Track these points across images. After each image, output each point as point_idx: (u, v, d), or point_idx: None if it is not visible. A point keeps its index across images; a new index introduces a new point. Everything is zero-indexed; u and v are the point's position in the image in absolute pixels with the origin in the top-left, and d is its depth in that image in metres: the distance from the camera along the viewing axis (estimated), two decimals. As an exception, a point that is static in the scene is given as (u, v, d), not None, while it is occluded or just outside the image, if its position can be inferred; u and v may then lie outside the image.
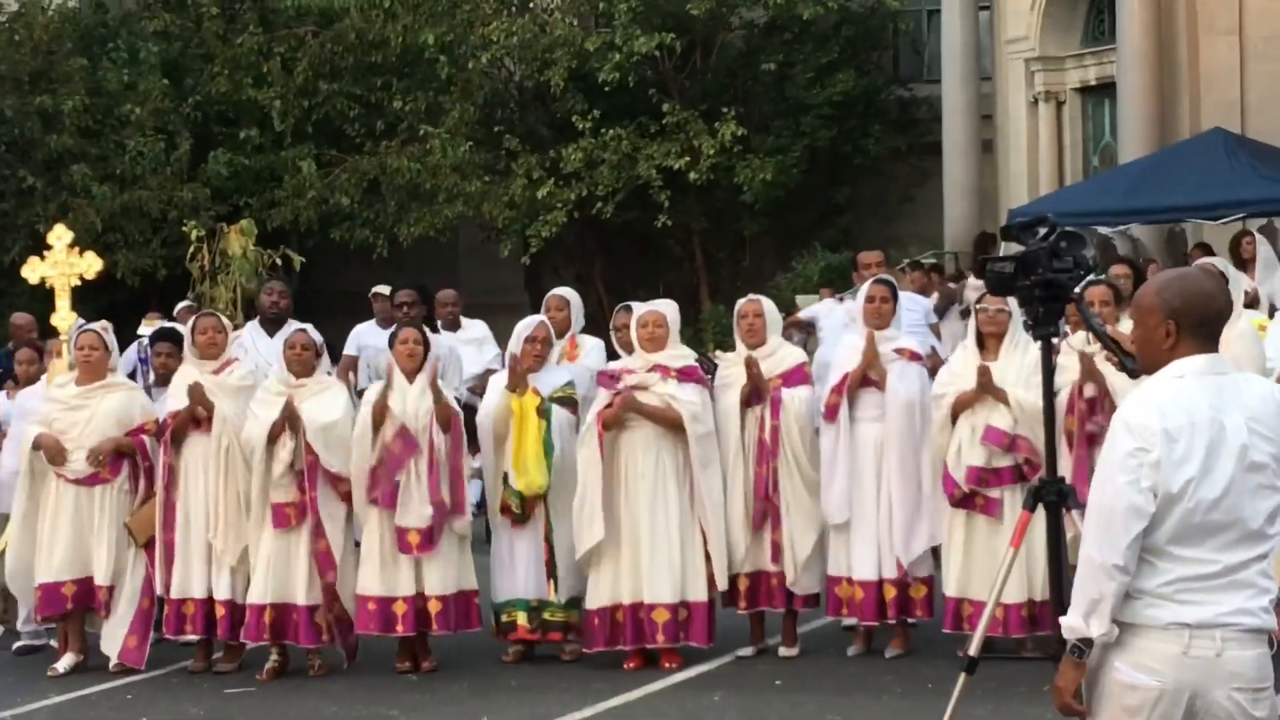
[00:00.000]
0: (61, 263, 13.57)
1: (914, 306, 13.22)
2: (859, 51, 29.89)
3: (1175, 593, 5.35)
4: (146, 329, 16.48)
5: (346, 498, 11.64)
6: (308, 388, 11.73)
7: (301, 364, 11.78)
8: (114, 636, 12.07)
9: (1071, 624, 5.46)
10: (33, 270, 13.70)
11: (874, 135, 29.17)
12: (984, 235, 23.38)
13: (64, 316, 13.51)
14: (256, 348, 12.69)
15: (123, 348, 13.66)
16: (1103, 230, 21.67)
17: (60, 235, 13.72)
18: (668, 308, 11.81)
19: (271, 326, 14.92)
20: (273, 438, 11.56)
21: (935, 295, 19.24)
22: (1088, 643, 5.42)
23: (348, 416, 11.74)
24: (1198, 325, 5.43)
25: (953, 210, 27.01)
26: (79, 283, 13.63)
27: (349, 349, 15.94)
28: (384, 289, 16.55)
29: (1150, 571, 5.37)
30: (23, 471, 12.24)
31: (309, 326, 12.25)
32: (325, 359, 12.12)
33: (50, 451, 12.07)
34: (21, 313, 16.06)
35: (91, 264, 13.67)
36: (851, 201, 29.76)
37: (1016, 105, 26.64)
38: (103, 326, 12.69)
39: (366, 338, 16.14)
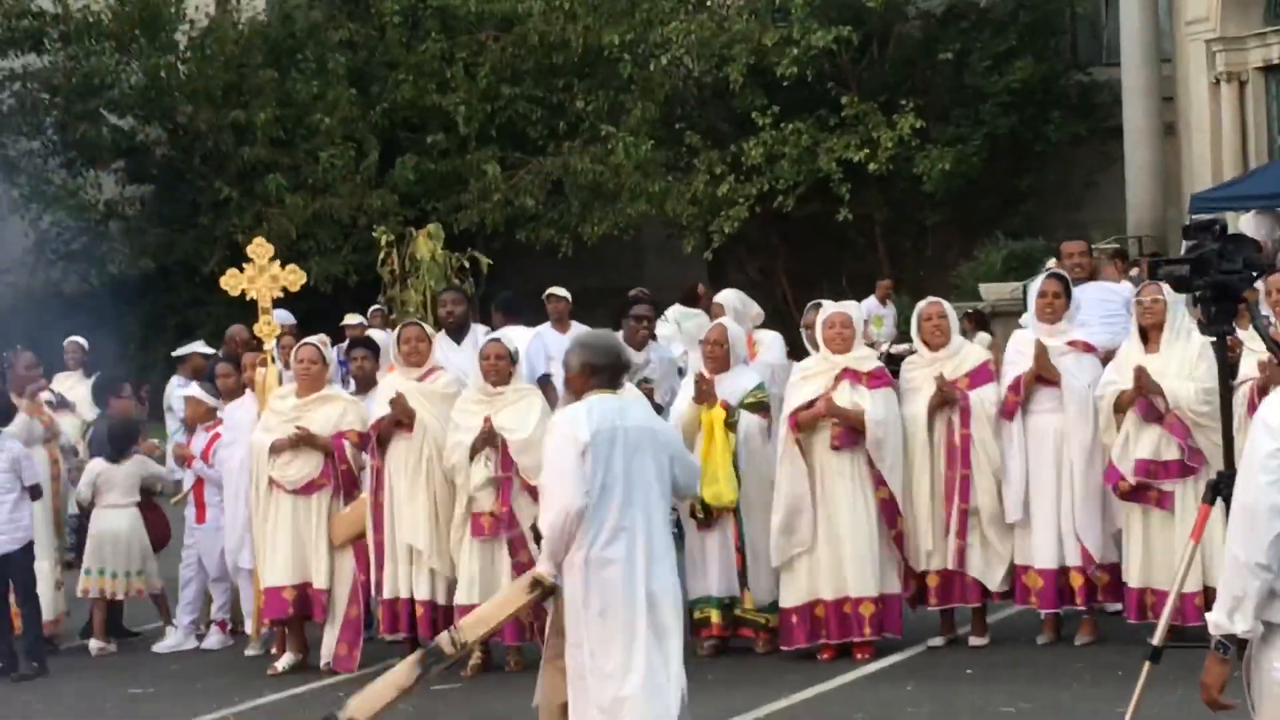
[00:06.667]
0: (263, 275, 13.61)
1: (1112, 296, 13.16)
2: (1037, 37, 29.87)
3: None
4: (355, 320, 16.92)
5: None
6: (505, 396, 12.01)
7: (498, 373, 12.04)
8: (328, 641, 12.49)
9: (1216, 620, 5.55)
10: (234, 283, 13.62)
11: (1054, 121, 29.13)
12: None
13: (268, 328, 13.55)
14: (448, 359, 12.96)
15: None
16: (1290, 212, 21.58)
17: (261, 248, 13.73)
18: (853, 309, 12.00)
19: (455, 335, 15.18)
20: (472, 455, 11.83)
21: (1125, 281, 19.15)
22: (1232, 639, 5.52)
23: (543, 426, 12.04)
24: None
25: (1135, 194, 26.93)
26: (281, 295, 13.68)
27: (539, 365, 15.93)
28: (559, 290, 16.70)
29: None
30: (254, 482, 12.63)
31: (502, 334, 12.52)
32: (521, 365, 12.35)
33: (280, 450, 12.43)
34: (238, 325, 16.12)
35: (295, 277, 13.66)
36: (1034, 188, 29.75)
37: (1198, 86, 26.49)
38: (321, 340, 12.96)
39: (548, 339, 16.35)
